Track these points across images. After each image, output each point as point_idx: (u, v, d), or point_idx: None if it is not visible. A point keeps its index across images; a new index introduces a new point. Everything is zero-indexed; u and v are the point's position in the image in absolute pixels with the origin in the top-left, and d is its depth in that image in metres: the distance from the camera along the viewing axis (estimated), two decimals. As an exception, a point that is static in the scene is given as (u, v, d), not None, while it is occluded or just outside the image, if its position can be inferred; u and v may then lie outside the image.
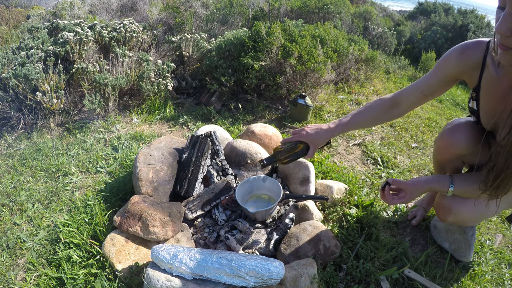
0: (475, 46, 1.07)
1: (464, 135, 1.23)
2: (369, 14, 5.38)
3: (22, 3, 6.07)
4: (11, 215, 1.59)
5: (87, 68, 2.42)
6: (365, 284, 1.28)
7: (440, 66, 1.16)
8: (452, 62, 1.12)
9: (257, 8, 4.42)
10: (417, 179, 1.20)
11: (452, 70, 1.14)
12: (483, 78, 1.08)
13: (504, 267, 1.47)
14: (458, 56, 1.11)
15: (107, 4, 4.33)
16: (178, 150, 1.70)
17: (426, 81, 1.21)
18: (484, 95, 1.10)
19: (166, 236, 1.32)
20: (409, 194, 1.19)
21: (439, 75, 1.17)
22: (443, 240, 1.48)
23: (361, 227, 1.51)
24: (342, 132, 1.29)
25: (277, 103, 2.77)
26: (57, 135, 2.21)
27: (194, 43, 3.10)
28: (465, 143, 1.22)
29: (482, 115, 1.14)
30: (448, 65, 1.14)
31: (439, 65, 1.17)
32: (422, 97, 1.23)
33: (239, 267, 1.10)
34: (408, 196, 1.19)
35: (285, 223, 1.43)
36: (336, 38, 3.20)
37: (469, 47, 1.08)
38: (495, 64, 1.03)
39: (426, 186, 1.19)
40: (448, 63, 1.14)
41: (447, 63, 1.14)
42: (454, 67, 1.13)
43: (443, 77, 1.17)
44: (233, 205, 1.57)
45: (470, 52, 1.08)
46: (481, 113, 1.14)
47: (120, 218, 1.33)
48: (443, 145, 1.30)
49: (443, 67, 1.16)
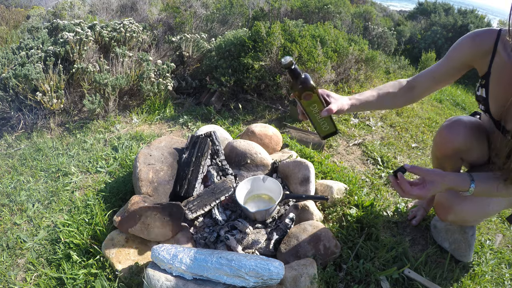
0: (487, 33, 1.09)
1: (462, 130, 1.24)
2: (369, 14, 5.37)
3: (22, 3, 6.07)
4: (11, 215, 1.59)
5: (87, 68, 2.42)
6: (365, 284, 1.28)
7: (453, 52, 1.17)
8: (465, 48, 1.13)
9: (257, 8, 4.43)
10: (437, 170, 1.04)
11: (465, 56, 1.15)
12: (494, 64, 1.09)
13: (504, 267, 1.47)
14: (470, 42, 1.12)
15: (107, 4, 4.33)
16: (178, 150, 1.70)
17: (438, 67, 1.21)
18: (494, 81, 1.10)
19: (166, 236, 1.32)
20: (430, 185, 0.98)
21: (451, 61, 1.18)
22: (443, 240, 1.48)
23: (361, 227, 1.51)
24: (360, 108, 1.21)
25: (277, 103, 2.77)
26: (57, 135, 2.21)
27: (194, 43, 3.10)
28: (463, 138, 1.23)
29: (492, 103, 1.13)
30: (460, 51, 1.15)
31: (451, 51, 1.18)
32: (434, 83, 1.22)
33: (239, 267, 1.10)
34: (429, 186, 0.98)
35: (285, 223, 1.43)
36: (336, 38, 3.20)
37: (481, 34, 1.10)
38: (507, 50, 1.04)
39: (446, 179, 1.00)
40: (461, 49, 1.15)
41: (460, 49, 1.15)
42: (467, 53, 1.14)
43: (455, 63, 1.17)
44: (233, 205, 1.57)
45: (483, 38, 1.09)
46: (491, 100, 1.13)
47: (120, 218, 1.33)
48: (440, 140, 1.31)
49: (456, 53, 1.16)
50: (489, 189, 1.01)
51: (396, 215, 1.66)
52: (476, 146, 1.25)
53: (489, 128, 1.28)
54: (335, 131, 1.15)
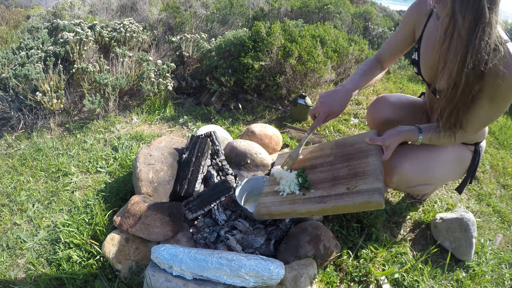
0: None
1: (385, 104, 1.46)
2: (369, 14, 5.37)
3: (22, 3, 6.07)
4: (11, 215, 1.59)
5: (87, 68, 2.42)
6: (365, 284, 1.28)
7: (403, 19, 1.30)
8: (412, 12, 1.25)
9: (257, 8, 4.42)
10: (390, 132, 1.24)
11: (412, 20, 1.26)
12: (426, 28, 1.20)
13: (504, 267, 1.47)
14: (415, 6, 1.24)
15: (107, 4, 4.33)
16: (178, 150, 1.70)
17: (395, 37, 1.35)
18: (425, 44, 1.21)
19: (166, 236, 1.32)
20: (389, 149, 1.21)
21: (404, 27, 1.30)
22: (444, 239, 1.49)
23: (361, 227, 1.51)
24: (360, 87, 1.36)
25: (277, 103, 2.77)
26: (57, 135, 2.21)
27: (194, 43, 3.10)
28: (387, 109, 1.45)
29: (422, 65, 1.24)
30: (409, 16, 1.27)
31: (403, 19, 1.30)
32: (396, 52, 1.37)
33: (239, 267, 1.10)
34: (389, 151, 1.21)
35: (285, 223, 1.42)
36: (336, 38, 3.20)
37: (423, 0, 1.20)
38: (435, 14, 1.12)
39: (400, 135, 1.22)
40: (409, 14, 1.27)
41: (408, 15, 1.27)
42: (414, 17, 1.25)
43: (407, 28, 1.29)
44: (233, 205, 1.57)
45: (423, 5, 1.20)
46: (421, 63, 1.24)
47: (120, 218, 1.33)
48: (368, 116, 1.55)
49: (406, 20, 1.28)
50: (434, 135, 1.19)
51: (396, 215, 1.66)
52: (403, 117, 1.44)
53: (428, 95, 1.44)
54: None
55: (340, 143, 1.39)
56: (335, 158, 1.32)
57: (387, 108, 1.46)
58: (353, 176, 1.17)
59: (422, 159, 1.31)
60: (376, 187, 1.07)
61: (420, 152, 1.31)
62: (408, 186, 1.38)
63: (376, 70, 1.41)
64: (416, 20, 1.24)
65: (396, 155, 1.29)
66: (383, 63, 1.42)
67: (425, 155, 1.31)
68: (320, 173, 1.30)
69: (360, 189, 1.10)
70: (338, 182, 1.19)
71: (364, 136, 1.30)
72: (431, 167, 1.32)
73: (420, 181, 1.36)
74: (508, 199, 1.95)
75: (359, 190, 1.10)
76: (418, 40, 1.24)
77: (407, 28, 1.28)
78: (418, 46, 1.24)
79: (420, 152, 1.31)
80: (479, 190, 1.98)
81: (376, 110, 1.50)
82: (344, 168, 1.24)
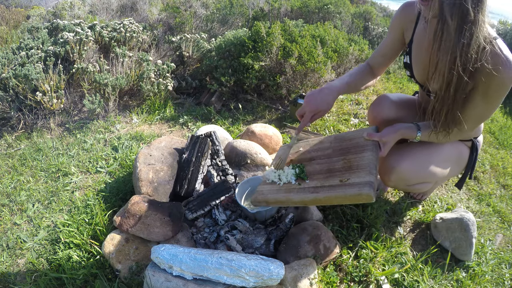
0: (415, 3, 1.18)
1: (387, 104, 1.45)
2: (369, 14, 5.37)
3: (22, 3, 6.07)
4: (11, 215, 1.59)
5: (87, 68, 2.42)
6: (365, 284, 1.28)
7: (391, 26, 1.31)
8: (399, 18, 1.26)
9: (257, 8, 4.42)
10: (388, 128, 1.24)
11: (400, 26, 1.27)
12: (416, 32, 1.21)
13: (504, 267, 1.47)
14: (401, 12, 1.26)
15: (107, 4, 4.33)
16: (178, 150, 1.70)
17: (384, 44, 1.37)
18: (416, 47, 1.22)
19: (166, 236, 1.32)
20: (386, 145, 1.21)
21: (392, 34, 1.31)
22: (444, 239, 1.49)
23: (361, 227, 1.51)
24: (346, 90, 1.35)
25: (277, 103, 2.77)
26: (57, 135, 2.21)
27: (194, 43, 3.10)
28: (389, 111, 1.44)
29: (415, 68, 1.26)
30: (396, 22, 1.28)
31: (390, 25, 1.31)
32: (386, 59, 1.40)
33: (239, 267, 1.10)
34: (386, 148, 1.21)
35: (285, 223, 1.42)
36: (336, 38, 3.20)
37: (410, 4, 1.23)
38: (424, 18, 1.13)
39: (398, 132, 1.22)
40: (396, 20, 1.28)
41: (395, 21, 1.28)
42: (401, 23, 1.26)
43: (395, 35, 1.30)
44: (233, 205, 1.57)
45: (410, 9, 1.22)
46: (414, 65, 1.26)
47: (120, 218, 1.33)
48: (369, 115, 1.53)
49: (393, 26, 1.30)
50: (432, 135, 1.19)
51: (396, 214, 1.66)
52: (404, 116, 1.44)
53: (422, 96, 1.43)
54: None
55: (339, 137, 1.41)
56: (333, 151, 1.34)
57: (388, 107, 1.47)
58: (347, 169, 1.19)
59: (420, 157, 1.31)
60: (368, 181, 1.08)
61: (418, 150, 1.32)
62: (407, 184, 1.38)
63: (367, 76, 1.42)
64: (404, 25, 1.25)
65: (394, 153, 1.30)
66: (374, 70, 1.44)
67: (423, 153, 1.31)
68: (317, 165, 1.31)
69: (353, 182, 1.12)
70: (333, 174, 1.21)
71: (363, 131, 1.31)
72: (429, 165, 1.32)
73: (419, 179, 1.36)
74: (508, 199, 1.95)
75: (351, 182, 1.12)
76: (409, 44, 1.25)
77: (395, 33, 1.30)
78: (409, 49, 1.25)
79: (418, 150, 1.32)
80: (479, 190, 1.98)
81: (377, 109, 1.50)
82: (340, 161, 1.25)
